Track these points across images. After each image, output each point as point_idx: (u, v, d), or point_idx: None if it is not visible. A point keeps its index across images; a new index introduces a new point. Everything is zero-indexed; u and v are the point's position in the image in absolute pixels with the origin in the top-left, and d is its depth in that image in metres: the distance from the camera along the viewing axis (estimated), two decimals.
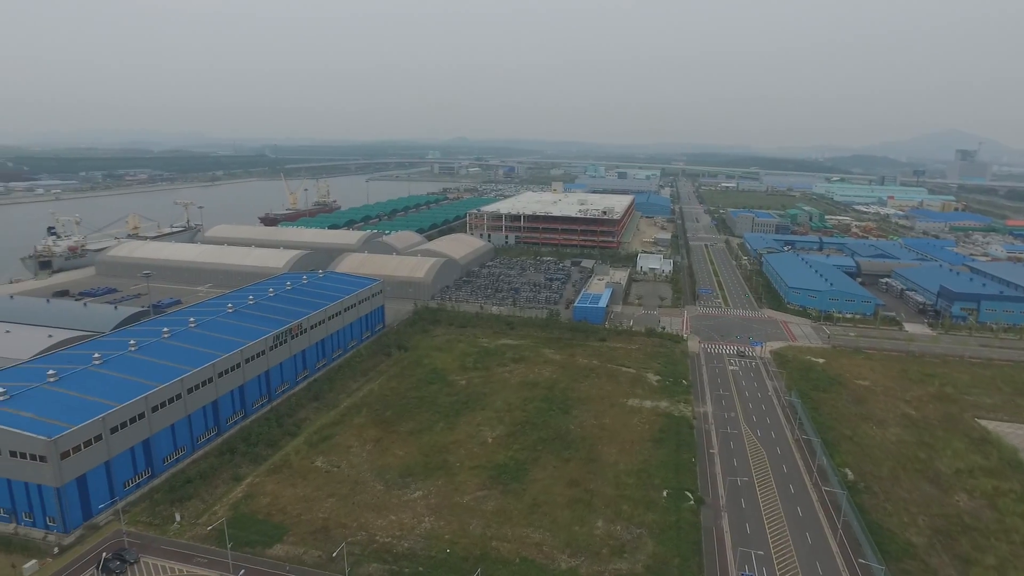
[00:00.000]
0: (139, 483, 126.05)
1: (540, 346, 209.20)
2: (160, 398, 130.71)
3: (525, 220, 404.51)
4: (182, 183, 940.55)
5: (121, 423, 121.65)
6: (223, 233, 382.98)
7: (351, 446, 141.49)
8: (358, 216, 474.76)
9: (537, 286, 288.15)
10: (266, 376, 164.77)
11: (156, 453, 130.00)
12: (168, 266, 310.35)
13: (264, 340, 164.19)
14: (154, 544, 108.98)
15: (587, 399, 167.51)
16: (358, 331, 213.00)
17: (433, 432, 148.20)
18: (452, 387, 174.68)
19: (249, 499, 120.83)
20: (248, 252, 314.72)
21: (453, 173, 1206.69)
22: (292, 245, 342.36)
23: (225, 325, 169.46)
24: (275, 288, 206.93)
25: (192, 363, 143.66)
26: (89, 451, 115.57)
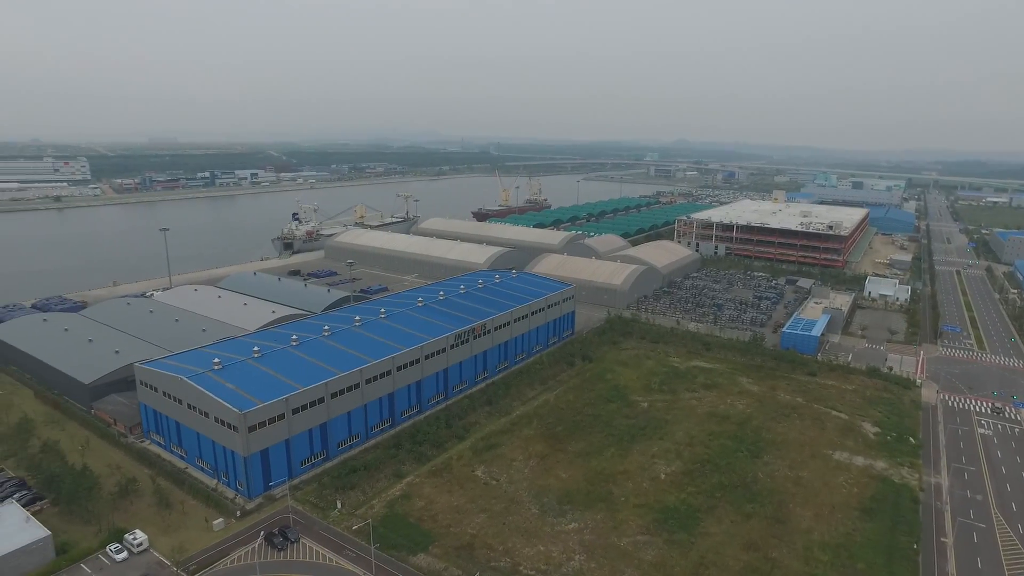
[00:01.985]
0: (314, 463, 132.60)
1: (737, 373, 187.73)
2: (340, 385, 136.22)
3: (738, 230, 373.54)
4: (412, 177, 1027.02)
5: (302, 405, 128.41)
6: (435, 226, 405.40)
7: (515, 459, 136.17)
8: (565, 216, 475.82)
9: (743, 304, 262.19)
10: (444, 374, 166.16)
11: (332, 437, 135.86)
12: (382, 254, 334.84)
13: (446, 338, 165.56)
14: (315, 527, 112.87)
15: (783, 444, 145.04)
16: (544, 336, 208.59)
17: (602, 457, 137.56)
18: (632, 408, 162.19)
19: (405, 499, 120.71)
20: (453, 246, 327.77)
21: (669, 176, 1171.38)
22: (496, 241, 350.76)
23: (412, 319, 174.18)
24: (467, 285, 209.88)
25: (374, 354, 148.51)
26: (273, 428, 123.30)
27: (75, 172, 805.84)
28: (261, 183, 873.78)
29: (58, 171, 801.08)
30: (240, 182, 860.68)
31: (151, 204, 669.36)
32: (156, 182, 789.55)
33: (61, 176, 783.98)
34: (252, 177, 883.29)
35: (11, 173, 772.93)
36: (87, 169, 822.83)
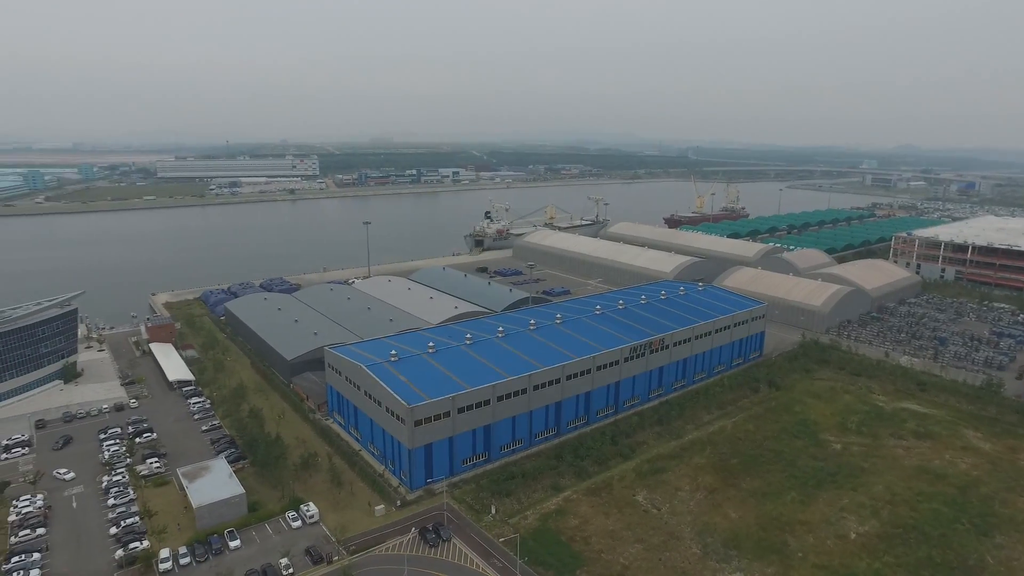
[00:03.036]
0: (475, 464, 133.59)
1: (961, 423, 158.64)
2: (507, 389, 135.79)
3: (974, 251, 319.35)
4: (606, 179, 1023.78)
5: (468, 405, 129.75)
6: (623, 230, 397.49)
7: (681, 488, 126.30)
8: (763, 226, 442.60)
9: (975, 340, 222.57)
10: (616, 387, 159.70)
11: (495, 440, 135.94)
12: (567, 256, 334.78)
13: (620, 350, 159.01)
14: (467, 528, 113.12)
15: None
16: (728, 356, 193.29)
17: (781, 500, 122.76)
18: (822, 449, 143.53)
19: (559, 515, 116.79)
20: (640, 252, 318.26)
21: (889, 187, 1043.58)
22: (685, 250, 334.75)
23: (588, 327, 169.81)
24: (648, 296, 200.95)
25: (544, 360, 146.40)
26: (438, 424, 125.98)
27: (307, 168, 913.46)
28: (461, 181, 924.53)
29: (295, 167, 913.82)
30: (442, 180, 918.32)
31: (364, 198, 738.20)
32: (370, 178, 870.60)
33: (296, 172, 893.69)
34: (453, 175, 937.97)
35: (261, 170, 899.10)
36: (316, 166, 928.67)
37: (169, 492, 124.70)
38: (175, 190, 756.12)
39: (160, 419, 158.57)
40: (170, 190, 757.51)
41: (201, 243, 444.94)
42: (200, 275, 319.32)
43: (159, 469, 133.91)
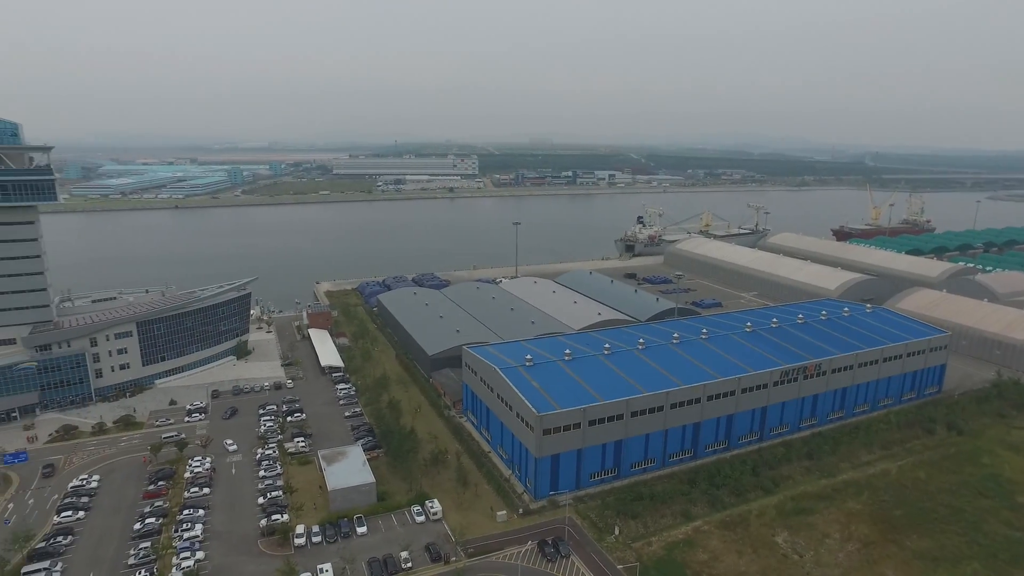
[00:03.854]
0: (603, 479, 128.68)
1: None
2: (642, 405, 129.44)
3: None
4: (770, 185, 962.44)
5: (599, 418, 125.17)
6: (785, 242, 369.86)
7: (829, 535, 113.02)
8: (952, 243, 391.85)
9: None
10: (762, 413, 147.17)
11: (626, 456, 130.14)
12: (721, 266, 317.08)
13: (770, 373, 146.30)
14: (586, 547, 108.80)
15: None
16: (897, 389, 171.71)
17: (960, 572, 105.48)
18: (1018, 514, 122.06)
19: (687, 546, 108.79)
20: (801, 266, 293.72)
21: None
22: (854, 266, 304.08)
23: (736, 345, 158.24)
24: (807, 315, 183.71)
25: (685, 377, 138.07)
26: (567, 435, 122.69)
27: (467, 168, 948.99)
28: (617, 184, 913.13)
29: (455, 166, 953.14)
30: (598, 182, 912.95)
31: (519, 198, 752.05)
32: (526, 178, 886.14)
33: (456, 171, 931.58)
34: (609, 178, 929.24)
35: (424, 168, 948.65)
36: (476, 165, 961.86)
37: (310, 471, 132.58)
38: (347, 185, 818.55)
39: (310, 401, 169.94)
40: (343, 185, 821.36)
41: (365, 236, 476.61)
42: (360, 266, 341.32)
43: (304, 448, 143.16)
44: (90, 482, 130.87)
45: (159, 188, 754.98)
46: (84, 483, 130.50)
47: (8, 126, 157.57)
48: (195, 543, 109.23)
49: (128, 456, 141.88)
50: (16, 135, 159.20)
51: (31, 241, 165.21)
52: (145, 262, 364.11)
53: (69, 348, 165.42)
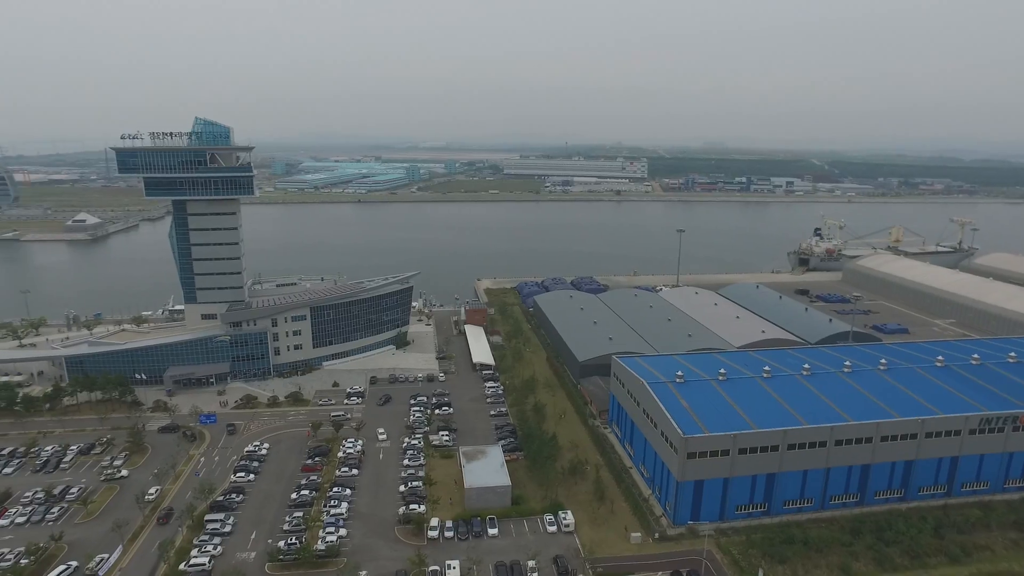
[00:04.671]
0: (750, 513, 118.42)
1: None
2: (801, 437, 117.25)
3: None
4: (982, 198, 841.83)
5: (752, 447, 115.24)
6: (996, 263, 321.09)
7: None
8: None
9: None
10: (951, 463, 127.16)
11: (778, 492, 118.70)
12: (911, 288, 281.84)
13: (965, 418, 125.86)
14: None
15: None
16: None
17: None
18: None
19: None
20: (1016, 294, 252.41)
21: None
22: None
23: (922, 381, 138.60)
24: (1021, 353, 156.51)
25: (854, 412, 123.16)
26: (714, 461, 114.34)
27: (636, 171, 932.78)
28: (795, 192, 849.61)
29: (624, 169, 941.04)
30: (774, 189, 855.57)
31: (688, 203, 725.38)
32: (697, 184, 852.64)
33: (625, 174, 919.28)
34: (787, 185, 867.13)
35: (592, 170, 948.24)
36: (645, 169, 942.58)
37: (450, 466, 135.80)
38: (516, 185, 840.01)
39: (459, 396, 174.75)
40: (511, 185, 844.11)
41: (528, 235, 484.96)
42: (520, 265, 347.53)
43: (448, 442, 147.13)
44: (261, 449, 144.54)
45: (346, 183, 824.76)
46: (256, 449, 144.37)
47: (222, 129, 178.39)
48: (340, 520, 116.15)
49: (293, 430, 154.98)
50: (228, 137, 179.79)
51: (232, 230, 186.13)
52: (325, 251, 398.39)
53: (255, 327, 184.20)
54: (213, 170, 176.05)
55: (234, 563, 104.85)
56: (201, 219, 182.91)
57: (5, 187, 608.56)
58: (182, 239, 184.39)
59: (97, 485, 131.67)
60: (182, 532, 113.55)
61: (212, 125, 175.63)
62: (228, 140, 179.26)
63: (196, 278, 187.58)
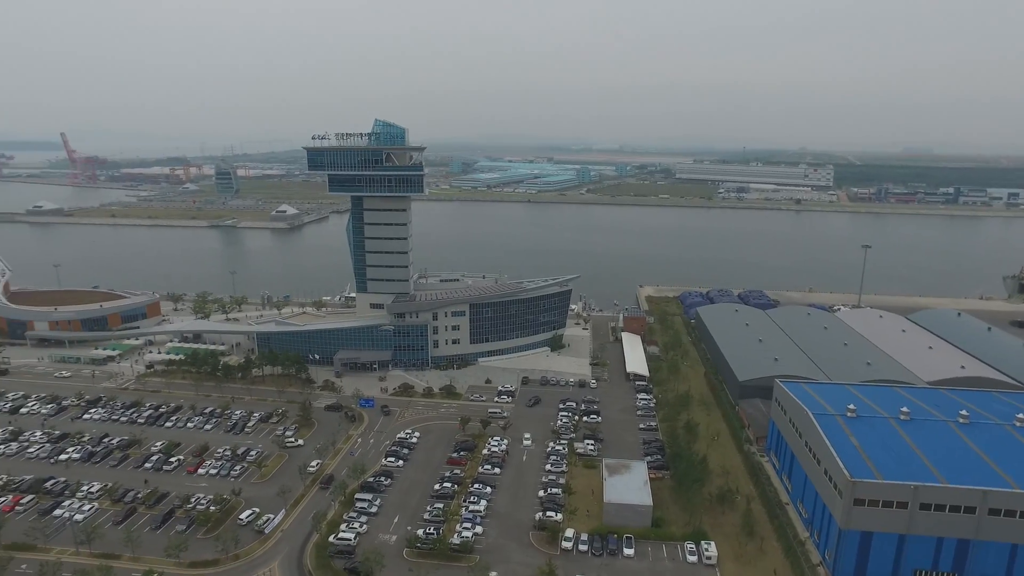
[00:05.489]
0: None
1: None
2: (1009, 503, 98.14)
3: None
4: None
5: (939, 504, 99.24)
6: None
7: None
8: None
9: None
10: None
11: (975, 562, 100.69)
12: None
13: None
14: None
15: None
16: None
17: None
18: None
19: None
20: None
21: None
22: None
23: None
24: None
25: None
26: (887, 513, 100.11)
27: (820, 179, 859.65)
28: (1019, 206, 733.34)
29: (806, 177, 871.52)
30: (990, 202, 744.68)
31: (879, 215, 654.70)
32: (891, 194, 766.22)
33: (807, 182, 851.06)
34: (1010, 197, 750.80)
35: (771, 177, 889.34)
36: (831, 176, 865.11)
37: (592, 477, 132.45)
38: (687, 190, 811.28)
39: (608, 405, 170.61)
40: (682, 190, 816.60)
41: (697, 243, 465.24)
42: (685, 274, 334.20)
43: (592, 452, 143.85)
44: (412, 437, 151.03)
45: (518, 183, 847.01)
46: (408, 436, 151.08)
47: (398, 131, 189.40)
48: (477, 517, 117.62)
49: (443, 422, 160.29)
50: (403, 138, 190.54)
51: (402, 225, 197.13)
52: (490, 249, 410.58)
53: (417, 319, 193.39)
54: (388, 168, 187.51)
55: (376, 543, 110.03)
56: (375, 214, 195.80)
57: (229, 181, 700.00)
58: (357, 232, 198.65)
59: (271, 451, 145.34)
60: (334, 507, 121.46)
61: (389, 126, 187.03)
62: (403, 140, 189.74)
63: (367, 269, 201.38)
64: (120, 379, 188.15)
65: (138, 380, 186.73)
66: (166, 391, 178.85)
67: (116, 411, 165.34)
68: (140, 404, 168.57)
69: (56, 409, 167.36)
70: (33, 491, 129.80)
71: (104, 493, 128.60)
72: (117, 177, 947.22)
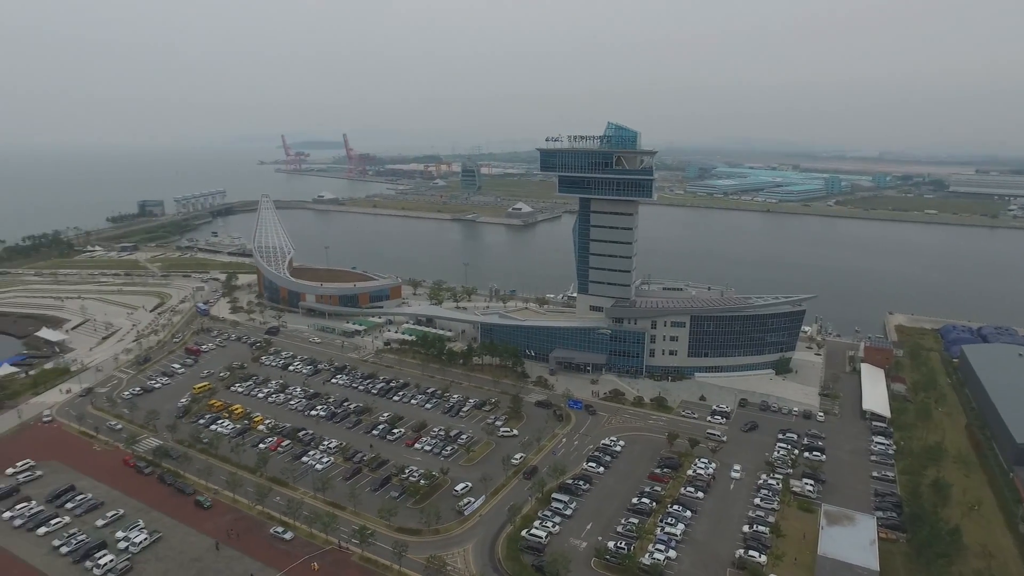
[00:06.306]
0: None
1: None
2: None
3: None
4: None
5: None
6: None
7: None
8: None
9: None
10: None
11: None
12: None
13: None
14: None
15: None
16: None
17: None
18: None
19: None
20: None
21: None
22: None
23: None
24: None
25: None
26: None
27: None
28: None
29: None
30: None
31: None
32: None
33: None
34: None
35: None
36: None
37: (807, 521, 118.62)
38: (962, 206, 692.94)
39: (836, 444, 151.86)
40: (957, 206, 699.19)
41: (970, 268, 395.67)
42: (950, 304, 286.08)
43: (810, 493, 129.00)
44: (616, 445, 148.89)
45: (756, 191, 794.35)
46: (612, 444, 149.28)
47: (630, 134, 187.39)
48: (672, 540, 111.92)
49: (650, 434, 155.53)
50: (635, 141, 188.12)
51: (627, 230, 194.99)
52: (718, 259, 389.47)
53: (635, 325, 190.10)
54: (617, 172, 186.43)
55: (565, 547, 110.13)
56: (601, 217, 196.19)
57: (473, 178, 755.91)
58: (583, 234, 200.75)
59: (480, 437, 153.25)
60: (531, 502, 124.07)
61: (621, 129, 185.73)
62: (635, 144, 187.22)
63: (590, 271, 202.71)
64: (362, 352, 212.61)
65: (376, 355, 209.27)
66: (397, 367, 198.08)
67: (356, 380, 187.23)
68: (375, 376, 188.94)
69: (313, 371, 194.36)
70: (290, 437, 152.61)
71: (339, 450, 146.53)
72: (382, 172, 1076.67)
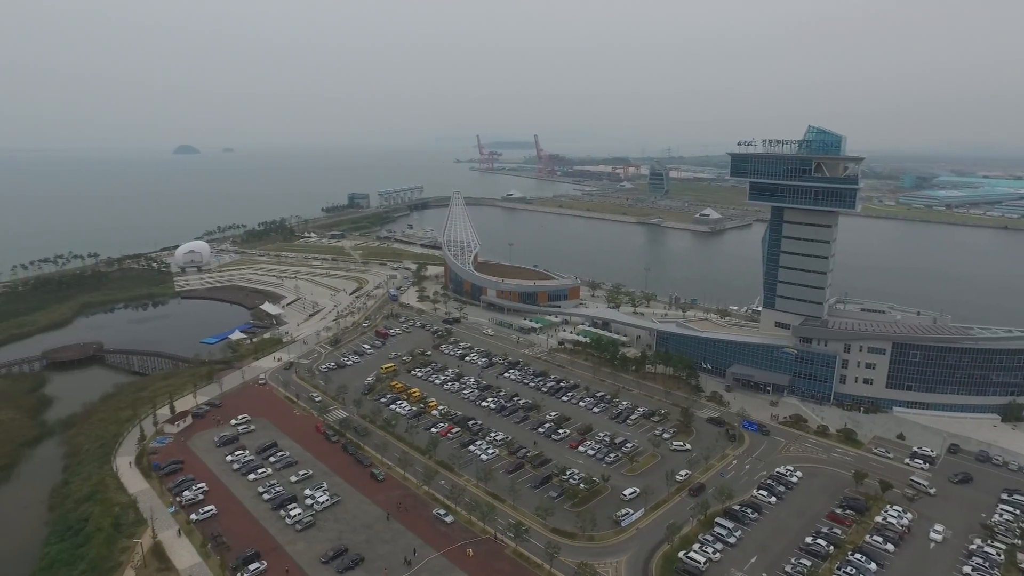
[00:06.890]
0: None
1: None
2: None
3: None
4: None
5: None
6: None
7: None
8: None
9: None
10: None
11: None
12: None
13: None
14: None
15: None
16: None
17: None
18: None
19: None
20: None
21: None
22: None
23: None
24: None
25: None
26: None
27: None
28: None
29: None
30: None
31: None
32: None
33: None
34: None
35: None
36: None
37: None
38: None
39: None
40: None
41: None
42: None
43: None
44: (792, 475, 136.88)
45: (992, 204, 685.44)
46: (788, 474, 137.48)
47: (834, 138, 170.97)
48: None
49: (834, 469, 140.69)
50: (839, 146, 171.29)
51: (824, 243, 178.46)
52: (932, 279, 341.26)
53: (825, 347, 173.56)
54: (816, 179, 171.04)
55: None
56: (795, 228, 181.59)
57: (661, 182, 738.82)
58: (773, 245, 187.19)
59: (646, 448, 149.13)
60: (692, 523, 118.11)
61: (825, 134, 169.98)
62: (839, 149, 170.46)
63: (778, 285, 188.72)
64: (536, 349, 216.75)
65: (549, 353, 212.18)
66: (569, 368, 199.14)
67: (527, 376, 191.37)
68: (546, 375, 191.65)
69: (487, 364, 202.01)
70: (461, 425, 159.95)
71: (504, 444, 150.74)
72: (569, 173, 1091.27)
